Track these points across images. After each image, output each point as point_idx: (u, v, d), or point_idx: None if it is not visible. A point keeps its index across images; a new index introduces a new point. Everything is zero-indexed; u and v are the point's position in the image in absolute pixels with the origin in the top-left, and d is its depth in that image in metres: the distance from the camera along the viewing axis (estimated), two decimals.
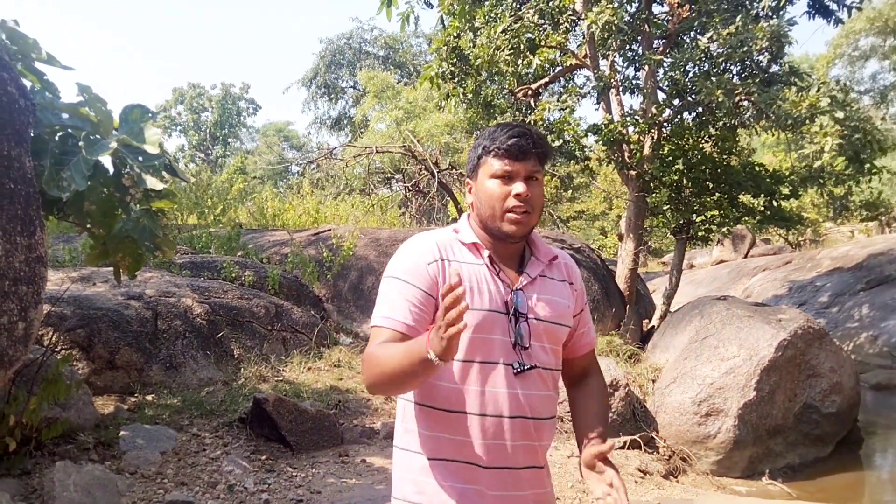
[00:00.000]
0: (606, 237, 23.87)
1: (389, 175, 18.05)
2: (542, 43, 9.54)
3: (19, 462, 3.85)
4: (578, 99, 9.33)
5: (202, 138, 33.95)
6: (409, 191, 15.68)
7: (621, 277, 9.22)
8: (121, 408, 4.82)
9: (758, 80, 7.76)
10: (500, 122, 1.70)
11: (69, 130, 3.81)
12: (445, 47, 10.25)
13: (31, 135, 3.63)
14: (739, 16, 7.40)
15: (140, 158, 3.77)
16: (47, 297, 4.22)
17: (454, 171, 14.07)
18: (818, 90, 7.54)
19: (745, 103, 7.97)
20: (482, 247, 1.64)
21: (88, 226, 3.98)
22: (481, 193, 1.63)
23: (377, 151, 13.86)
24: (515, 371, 1.58)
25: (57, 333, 4.93)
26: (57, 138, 3.79)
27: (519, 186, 1.59)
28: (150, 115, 3.89)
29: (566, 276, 1.76)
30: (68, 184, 3.58)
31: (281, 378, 5.94)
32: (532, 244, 1.73)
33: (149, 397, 5.10)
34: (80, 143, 3.67)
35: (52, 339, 4.79)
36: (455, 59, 10.34)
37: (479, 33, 9.50)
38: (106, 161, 3.81)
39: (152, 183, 3.75)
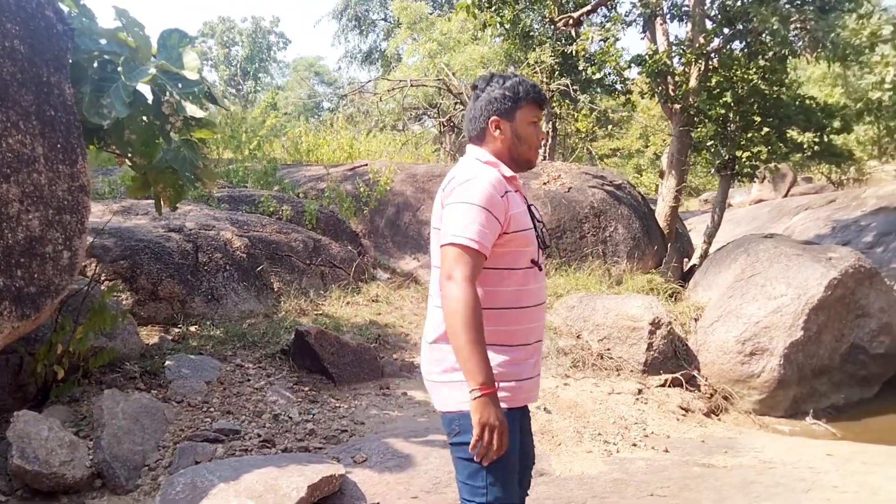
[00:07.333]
0: (642, 175, 23.34)
1: (422, 111, 17.74)
2: None
3: (68, 390, 3.90)
4: (623, 28, 8.93)
5: (233, 73, 33.61)
6: (444, 126, 15.37)
7: (661, 215, 9.02)
8: (165, 338, 4.86)
9: (814, 6, 7.34)
10: (513, 76, 2.00)
11: (107, 56, 3.70)
12: None
13: (70, 61, 3.54)
14: None
15: (179, 85, 3.66)
16: (89, 228, 4.22)
17: None
18: (879, 17, 7.12)
19: (799, 31, 7.58)
20: (515, 177, 1.98)
21: (129, 155, 3.92)
22: (522, 133, 1.98)
23: (412, 85, 13.58)
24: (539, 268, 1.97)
25: (100, 265, 4.95)
26: (95, 65, 3.69)
27: (542, 129, 2.06)
28: (188, 39, 3.75)
29: None
30: (109, 111, 3.49)
31: (320, 312, 5.95)
32: None
33: (192, 328, 5.14)
34: (119, 69, 3.56)
35: (95, 271, 4.80)
36: None
37: None
38: (145, 89, 3.72)
39: (192, 110, 3.65)
